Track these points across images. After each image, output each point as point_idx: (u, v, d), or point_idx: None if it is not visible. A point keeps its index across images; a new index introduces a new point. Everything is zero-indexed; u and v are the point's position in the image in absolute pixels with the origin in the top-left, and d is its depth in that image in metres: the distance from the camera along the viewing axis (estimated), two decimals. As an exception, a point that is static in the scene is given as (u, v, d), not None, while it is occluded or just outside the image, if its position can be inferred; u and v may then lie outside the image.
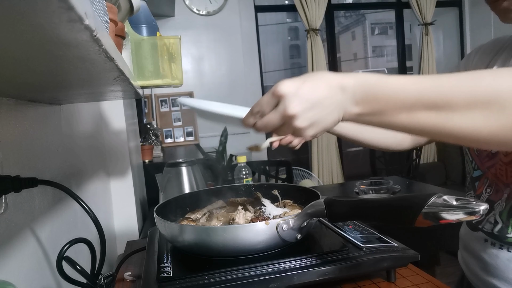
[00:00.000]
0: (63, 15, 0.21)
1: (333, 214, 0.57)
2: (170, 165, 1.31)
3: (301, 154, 3.54)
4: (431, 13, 3.46)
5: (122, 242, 1.15)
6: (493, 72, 0.42)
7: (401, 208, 0.48)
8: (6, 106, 0.52)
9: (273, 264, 0.58)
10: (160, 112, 3.01)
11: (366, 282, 0.63)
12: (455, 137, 0.43)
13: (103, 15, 0.43)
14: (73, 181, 0.84)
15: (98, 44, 0.28)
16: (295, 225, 0.60)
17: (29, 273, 0.57)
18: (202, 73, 3.11)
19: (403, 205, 0.48)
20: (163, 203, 0.78)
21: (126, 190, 1.31)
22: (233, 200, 0.84)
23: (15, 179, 0.48)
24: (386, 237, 0.67)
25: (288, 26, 3.97)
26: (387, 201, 0.51)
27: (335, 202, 0.56)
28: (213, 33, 3.08)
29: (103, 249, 0.62)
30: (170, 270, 0.59)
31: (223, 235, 0.59)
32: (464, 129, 0.41)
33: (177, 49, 0.89)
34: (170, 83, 0.88)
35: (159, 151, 2.38)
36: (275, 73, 3.76)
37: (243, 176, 1.61)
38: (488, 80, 0.41)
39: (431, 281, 0.62)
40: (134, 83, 0.58)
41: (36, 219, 0.61)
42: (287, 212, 0.72)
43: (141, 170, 1.74)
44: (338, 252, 0.61)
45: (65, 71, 0.40)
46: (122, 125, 1.29)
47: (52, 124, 0.73)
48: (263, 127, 0.47)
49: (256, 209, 0.75)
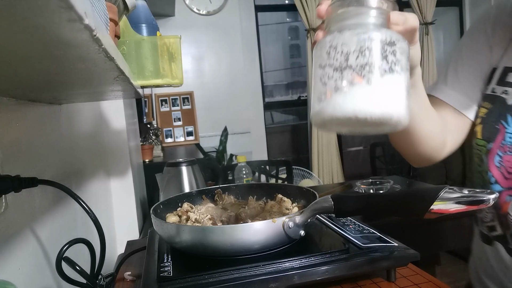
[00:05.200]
0: (62, 15, 0.21)
1: (341, 210, 0.58)
2: (170, 165, 1.31)
3: (301, 153, 3.54)
4: (431, 12, 3.45)
5: (122, 242, 1.15)
6: None
7: (413, 201, 0.51)
8: (6, 106, 0.52)
9: (273, 264, 0.58)
10: (160, 111, 3.01)
11: (366, 282, 0.63)
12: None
13: (103, 15, 0.43)
14: (73, 181, 0.84)
15: (98, 43, 0.28)
16: (300, 222, 0.61)
17: (29, 273, 0.57)
18: (202, 73, 3.11)
19: (416, 197, 0.50)
20: (161, 203, 0.78)
21: (126, 190, 1.31)
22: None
23: (15, 179, 0.48)
24: (386, 237, 0.67)
25: (288, 26, 3.97)
26: (398, 194, 0.53)
27: (343, 198, 0.57)
28: (213, 32, 3.08)
29: (103, 249, 0.62)
30: (170, 269, 0.59)
31: (231, 234, 0.59)
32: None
33: (177, 48, 0.89)
34: (170, 83, 0.88)
35: (159, 150, 2.38)
36: (275, 72, 3.76)
37: (243, 175, 1.61)
38: None
39: (431, 281, 0.62)
40: (134, 82, 0.58)
41: (36, 219, 0.61)
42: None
43: (141, 170, 1.74)
44: (338, 252, 0.60)
45: (65, 71, 0.40)
46: (122, 124, 1.29)
47: (52, 124, 0.73)
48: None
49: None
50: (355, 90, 0.38)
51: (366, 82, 0.38)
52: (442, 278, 0.70)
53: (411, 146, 0.67)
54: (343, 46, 0.38)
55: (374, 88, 0.38)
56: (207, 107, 3.10)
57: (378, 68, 0.38)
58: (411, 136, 0.64)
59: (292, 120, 3.72)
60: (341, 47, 0.39)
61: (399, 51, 0.39)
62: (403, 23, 0.41)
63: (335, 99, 0.39)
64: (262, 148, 3.27)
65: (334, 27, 0.41)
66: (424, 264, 0.73)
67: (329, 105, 0.39)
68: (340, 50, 0.39)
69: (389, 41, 0.38)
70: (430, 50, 3.50)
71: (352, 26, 0.39)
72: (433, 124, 0.66)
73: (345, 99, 0.38)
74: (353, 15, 0.40)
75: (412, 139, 0.65)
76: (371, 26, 0.40)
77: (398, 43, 0.39)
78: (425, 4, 3.40)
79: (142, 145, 2.09)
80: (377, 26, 0.40)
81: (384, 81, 0.38)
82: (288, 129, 3.69)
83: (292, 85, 3.85)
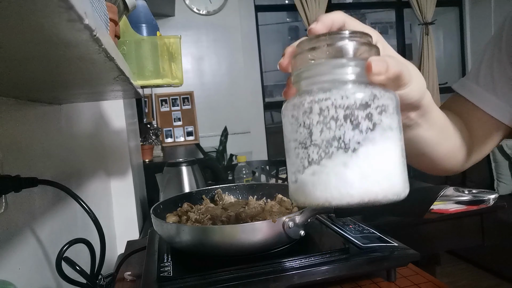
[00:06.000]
0: (62, 15, 0.21)
1: (341, 210, 0.58)
2: (170, 165, 1.31)
3: (301, 153, 3.54)
4: (432, 12, 3.45)
5: (122, 242, 1.15)
6: None
7: (414, 201, 0.49)
8: (6, 106, 0.52)
9: (273, 264, 0.58)
10: (160, 111, 3.01)
11: (366, 282, 0.63)
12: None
13: (103, 15, 0.43)
14: (73, 181, 0.84)
15: (98, 43, 0.28)
16: (300, 222, 0.61)
17: (29, 273, 0.57)
18: (202, 73, 3.11)
19: (416, 197, 0.49)
20: (161, 203, 0.77)
21: (126, 190, 1.31)
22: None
23: (15, 179, 0.48)
24: (386, 237, 0.67)
25: (288, 26, 3.97)
26: None
27: None
28: (213, 32, 3.08)
29: (103, 249, 0.62)
30: (170, 269, 0.59)
31: (231, 234, 0.59)
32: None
33: (177, 48, 0.89)
34: (170, 83, 0.88)
35: (159, 150, 2.38)
36: (275, 72, 3.76)
37: (243, 175, 1.61)
38: None
39: (431, 281, 0.62)
40: (134, 82, 0.58)
41: (36, 219, 0.61)
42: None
43: (141, 170, 1.74)
44: (338, 252, 0.60)
45: (65, 71, 0.40)
46: (122, 124, 1.29)
47: (52, 124, 0.73)
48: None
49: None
50: (324, 172, 0.30)
51: (336, 161, 0.30)
52: (442, 278, 0.70)
53: (430, 166, 0.61)
54: (304, 116, 0.31)
55: (347, 167, 0.30)
56: (207, 107, 3.10)
57: (348, 142, 0.30)
58: (427, 159, 0.57)
59: (292, 120, 3.72)
60: (302, 118, 0.31)
61: (377, 111, 0.30)
62: (385, 72, 0.32)
63: (304, 183, 0.32)
64: (262, 148, 3.27)
65: (300, 85, 0.33)
66: (424, 264, 0.72)
67: (299, 190, 0.32)
68: (302, 122, 0.31)
69: (360, 104, 0.30)
70: (430, 50, 3.50)
71: (315, 87, 0.31)
72: (453, 143, 0.59)
73: (314, 183, 0.31)
74: (318, 70, 0.32)
75: (429, 161, 0.58)
76: (336, 88, 0.31)
77: (374, 102, 0.30)
78: (425, 4, 3.40)
79: (142, 145, 2.09)
80: (347, 85, 0.31)
81: (359, 157, 0.30)
82: (288, 129, 3.69)
83: (292, 85, 3.85)
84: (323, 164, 0.31)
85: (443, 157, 0.58)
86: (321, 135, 0.30)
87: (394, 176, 0.31)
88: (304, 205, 0.33)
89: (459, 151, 0.61)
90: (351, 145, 0.30)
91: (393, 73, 0.33)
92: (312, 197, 0.31)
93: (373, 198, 0.31)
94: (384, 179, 0.31)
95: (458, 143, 0.60)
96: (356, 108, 0.30)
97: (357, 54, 0.32)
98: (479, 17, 3.50)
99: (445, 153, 0.58)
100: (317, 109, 0.30)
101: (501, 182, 2.64)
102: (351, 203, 0.30)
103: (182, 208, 0.79)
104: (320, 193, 0.31)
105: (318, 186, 0.31)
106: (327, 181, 0.30)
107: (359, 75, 0.32)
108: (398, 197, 0.32)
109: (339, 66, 0.31)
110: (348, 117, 0.30)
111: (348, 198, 0.30)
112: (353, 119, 0.30)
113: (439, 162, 0.58)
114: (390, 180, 0.31)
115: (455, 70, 3.83)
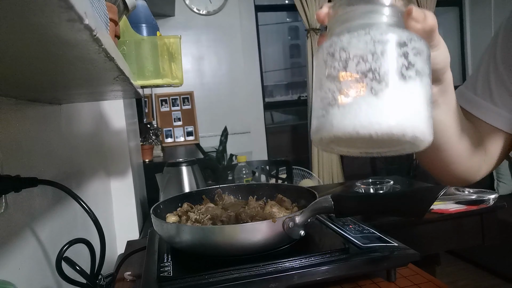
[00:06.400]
0: (62, 15, 0.21)
1: (341, 210, 0.58)
2: (170, 165, 1.31)
3: (301, 153, 3.54)
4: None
5: (122, 242, 1.15)
6: None
7: (414, 201, 0.50)
8: (6, 106, 0.52)
9: (273, 264, 0.58)
10: (160, 111, 3.01)
11: (366, 282, 0.63)
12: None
13: (103, 15, 0.43)
14: (73, 181, 0.84)
15: (98, 43, 0.28)
16: (300, 222, 0.61)
17: (29, 273, 0.57)
18: (202, 73, 3.11)
19: (416, 197, 0.49)
20: (161, 203, 0.77)
21: (126, 190, 1.31)
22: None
23: (15, 179, 0.48)
24: (386, 237, 0.67)
25: (288, 26, 3.96)
26: (399, 194, 0.52)
27: (343, 198, 0.57)
28: (213, 32, 3.08)
29: (103, 249, 0.62)
30: (170, 269, 0.59)
31: (231, 234, 0.59)
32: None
33: (177, 48, 0.89)
34: (170, 83, 0.88)
35: (159, 150, 2.38)
36: (275, 72, 3.76)
37: (243, 175, 1.61)
38: None
39: (431, 281, 0.62)
40: (134, 82, 0.58)
41: (36, 219, 0.61)
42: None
43: (141, 170, 1.74)
44: (338, 252, 0.60)
45: (65, 71, 0.40)
46: (122, 124, 1.29)
47: (52, 124, 0.73)
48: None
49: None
50: (355, 102, 0.32)
51: (369, 92, 0.31)
52: (442, 278, 0.70)
53: (443, 165, 0.58)
54: (341, 51, 0.32)
55: (379, 98, 0.31)
56: (207, 107, 3.10)
57: (383, 75, 0.31)
58: (441, 154, 0.55)
59: (292, 120, 3.72)
60: (339, 53, 0.33)
61: (413, 52, 0.32)
62: (423, 21, 0.34)
63: (333, 114, 0.33)
64: (262, 148, 3.27)
65: (335, 31, 0.35)
66: (424, 264, 0.72)
67: (327, 122, 0.33)
68: (338, 56, 0.33)
69: (398, 41, 0.32)
70: (430, 50, 3.49)
71: (353, 28, 0.33)
72: (469, 140, 0.57)
73: (343, 113, 0.32)
74: (356, 15, 0.34)
75: (443, 157, 0.56)
76: (375, 26, 0.33)
77: (411, 43, 0.32)
78: (425, 4, 3.40)
79: (142, 145, 2.09)
80: (385, 25, 0.33)
81: (392, 90, 0.31)
82: (288, 129, 3.69)
83: (292, 85, 3.85)
84: (356, 95, 0.32)
85: (458, 155, 0.56)
86: (356, 66, 0.32)
87: (423, 117, 0.32)
88: (329, 136, 0.33)
89: (474, 153, 0.59)
90: (386, 79, 0.31)
91: (429, 24, 0.35)
92: (340, 125, 0.32)
93: (401, 132, 0.31)
94: (414, 116, 0.32)
95: (473, 142, 0.58)
96: (394, 44, 0.32)
97: (395, 3, 0.34)
98: (479, 17, 3.50)
99: (461, 150, 0.56)
100: (355, 43, 0.32)
101: (501, 182, 2.64)
102: (378, 133, 0.31)
103: (182, 208, 0.79)
104: (348, 122, 0.32)
105: (347, 115, 0.32)
106: (357, 110, 0.32)
107: (397, 22, 0.34)
108: (423, 139, 0.33)
109: (378, 10, 0.34)
110: (385, 52, 0.32)
111: (377, 127, 0.31)
112: (390, 54, 0.32)
113: (453, 160, 0.57)
114: (419, 120, 0.32)
115: (455, 70, 3.83)
